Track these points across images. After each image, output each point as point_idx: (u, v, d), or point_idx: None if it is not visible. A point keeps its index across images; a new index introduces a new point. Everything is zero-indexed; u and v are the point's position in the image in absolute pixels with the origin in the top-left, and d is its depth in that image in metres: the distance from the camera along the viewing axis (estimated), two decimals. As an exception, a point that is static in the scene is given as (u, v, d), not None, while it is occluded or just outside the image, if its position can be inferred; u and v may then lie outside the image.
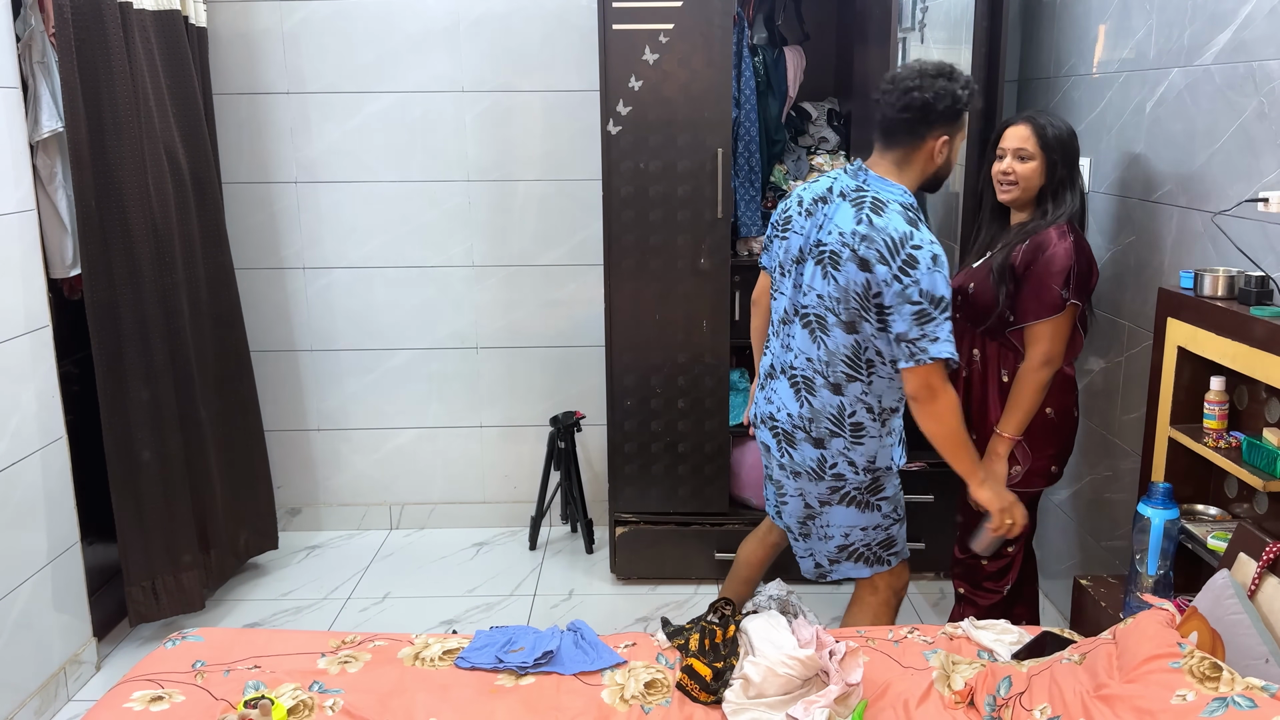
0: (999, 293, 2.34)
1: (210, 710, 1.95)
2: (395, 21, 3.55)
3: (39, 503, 2.70)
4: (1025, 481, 2.43)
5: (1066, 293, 2.25)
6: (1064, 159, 2.32)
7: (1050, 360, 2.30)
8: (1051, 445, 2.42)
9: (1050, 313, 2.27)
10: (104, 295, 2.82)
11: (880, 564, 2.38)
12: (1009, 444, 2.37)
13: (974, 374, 2.46)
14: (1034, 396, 2.32)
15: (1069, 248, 2.26)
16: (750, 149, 3.18)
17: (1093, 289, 2.34)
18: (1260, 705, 1.47)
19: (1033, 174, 2.33)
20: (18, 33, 2.66)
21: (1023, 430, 2.35)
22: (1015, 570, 2.53)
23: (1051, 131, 2.31)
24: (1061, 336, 2.30)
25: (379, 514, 3.95)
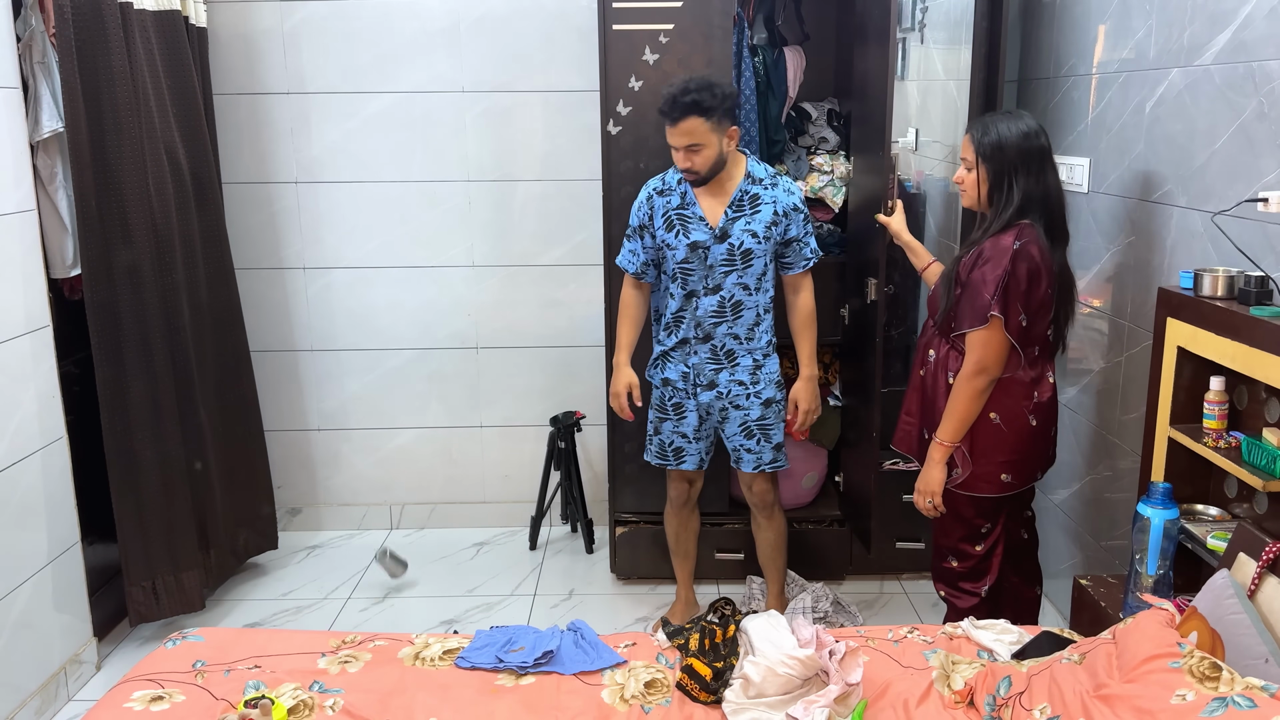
0: (942, 298, 2.38)
1: (210, 710, 1.95)
2: (395, 21, 3.55)
3: (39, 503, 2.70)
4: (969, 486, 2.42)
5: (994, 303, 2.25)
6: (1001, 164, 2.30)
7: (983, 369, 2.30)
8: (1000, 453, 2.38)
9: (979, 322, 2.28)
10: (104, 295, 2.83)
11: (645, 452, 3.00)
12: (944, 450, 2.40)
13: (927, 373, 2.49)
14: (968, 404, 2.34)
15: (1009, 259, 2.24)
16: (750, 149, 3.18)
17: (1041, 300, 2.30)
18: (1260, 705, 1.47)
19: (975, 181, 2.36)
20: (18, 33, 2.66)
21: (959, 436, 2.37)
22: (993, 574, 2.51)
23: (987, 139, 2.32)
24: (993, 346, 2.29)
25: (379, 514, 3.95)
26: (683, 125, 2.56)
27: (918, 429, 2.54)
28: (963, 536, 2.49)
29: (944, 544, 2.53)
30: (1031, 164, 2.30)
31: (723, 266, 2.71)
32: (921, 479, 2.46)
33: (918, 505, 2.50)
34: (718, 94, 2.56)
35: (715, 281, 2.73)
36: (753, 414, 2.84)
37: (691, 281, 2.76)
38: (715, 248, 2.70)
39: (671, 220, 2.72)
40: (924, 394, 2.50)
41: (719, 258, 2.70)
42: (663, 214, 2.73)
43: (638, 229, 2.79)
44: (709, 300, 2.75)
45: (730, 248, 2.69)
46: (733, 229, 2.69)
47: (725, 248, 2.69)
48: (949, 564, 2.54)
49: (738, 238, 2.69)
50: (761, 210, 2.70)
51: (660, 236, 2.74)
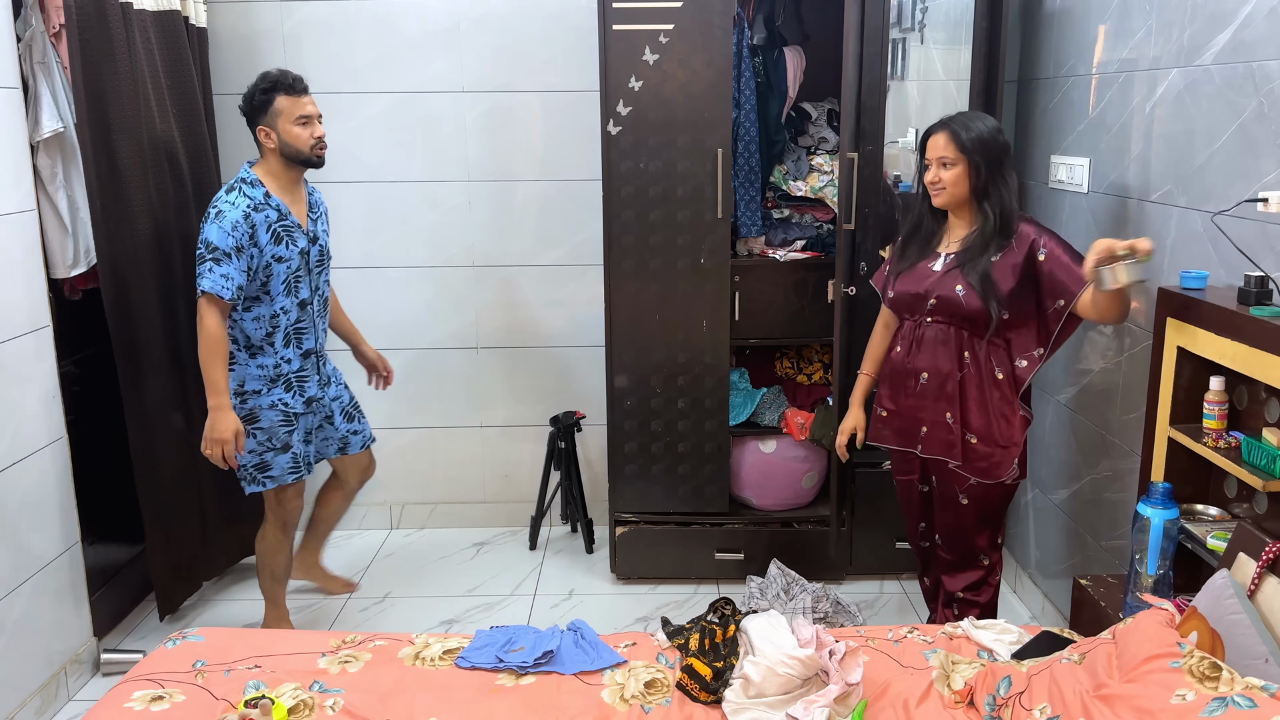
0: (987, 300, 2.37)
1: (211, 710, 1.95)
2: (395, 21, 3.55)
3: (39, 503, 2.70)
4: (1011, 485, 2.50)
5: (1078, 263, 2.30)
6: (986, 159, 2.37)
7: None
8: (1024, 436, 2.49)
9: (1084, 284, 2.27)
10: (119, 295, 2.85)
11: (253, 484, 2.83)
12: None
13: (967, 377, 2.47)
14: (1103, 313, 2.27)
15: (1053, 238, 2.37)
16: (750, 149, 3.18)
17: None
18: (1260, 705, 1.47)
19: (959, 178, 2.40)
20: (18, 33, 2.66)
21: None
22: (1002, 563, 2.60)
23: (968, 135, 2.37)
24: None
25: (379, 514, 3.95)
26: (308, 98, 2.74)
27: (959, 436, 2.49)
28: (995, 530, 2.59)
29: (978, 543, 2.58)
30: (1005, 159, 2.40)
31: (318, 268, 2.88)
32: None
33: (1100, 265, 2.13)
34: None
35: (315, 283, 2.88)
36: (345, 398, 3.05)
37: (302, 288, 2.82)
38: (312, 250, 2.84)
39: (277, 233, 2.72)
40: (964, 399, 2.47)
41: (315, 260, 2.86)
42: (265, 228, 2.69)
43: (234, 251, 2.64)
44: (317, 300, 2.89)
45: (320, 249, 2.87)
46: (317, 230, 2.87)
47: (318, 250, 2.86)
48: (981, 563, 2.60)
49: (322, 239, 2.88)
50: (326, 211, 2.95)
51: (269, 251, 2.70)
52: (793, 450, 3.37)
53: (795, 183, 3.32)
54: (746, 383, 3.50)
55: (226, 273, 2.61)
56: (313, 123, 2.73)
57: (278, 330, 2.77)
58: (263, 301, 2.74)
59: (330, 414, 2.99)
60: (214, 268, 2.60)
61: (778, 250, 3.31)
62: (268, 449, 2.81)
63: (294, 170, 2.77)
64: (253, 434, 2.78)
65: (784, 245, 3.32)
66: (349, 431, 3.05)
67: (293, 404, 2.83)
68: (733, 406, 3.35)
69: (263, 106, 2.69)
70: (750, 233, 3.26)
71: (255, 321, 2.75)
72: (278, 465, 2.83)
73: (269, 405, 2.79)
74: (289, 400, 2.82)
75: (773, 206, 3.38)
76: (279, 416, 2.80)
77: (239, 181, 2.71)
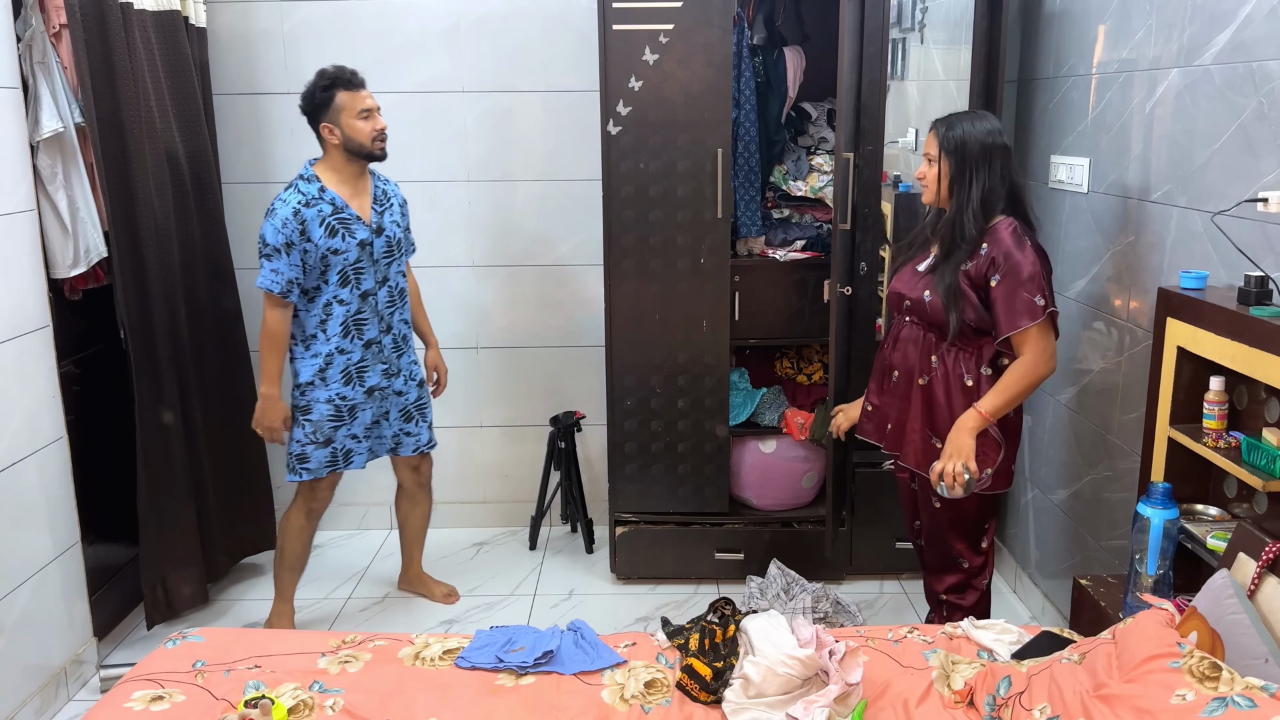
0: (948, 308, 2.36)
1: (211, 710, 1.95)
2: (395, 21, 3.55)
3: (39, 503, 2.70)
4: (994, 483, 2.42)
5: (1042, 300, 2.28)
6: (962, 159, 2.35)
7: (1051, 357, 2.33)
8: (1012, 445, 2.43)
9: (1036, 317, 2.28)
10: (134, 293, 2.86)
11: (292, 473, 2.92)
12: (983, 421, 2.33)
13: (934, 380, 2.45)
14: (1025, 391, 2.33)
15: (1032, 255, 2.30)
16: (750, 149, 3.18)
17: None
18: (1260, 705, 1.47)
19: (937, 175, 2.40)
20: (18, 33, 2.66)
21: (999, 415, 2.35)
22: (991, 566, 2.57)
23: (949, 133, 2.36)
24: (1050, 338, 2.33)
25: (379, 514, 3.95)
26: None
27: (926, 439, 2.49)
28: (975, 537, 2.51)
29: (956, 547, 2.53)
30: (994, 161, 2.34)
31: (385, 259, 2.90)
32: (951, 444, 2.34)
33: (941, 472, 2.34)
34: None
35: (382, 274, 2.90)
36: (410, 396, 3.05)
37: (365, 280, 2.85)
38: (376, 242, 2.87)
39: (332, 226, 2.76)
40: (931, 402, 2.46)
41: (381, 251, 2.88)
42: (318, 223, 2.75)
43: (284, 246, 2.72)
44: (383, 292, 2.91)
45: (388, 240, 2.90)
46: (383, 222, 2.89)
47: (383, 241, 2.89)
48: (961, 565, 2.55)
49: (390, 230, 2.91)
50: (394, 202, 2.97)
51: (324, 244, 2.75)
52: (793, 450, 3.37)
53: (795, 183, 3.32)
54: (746, 383, 3.50)
55: (277, 268, 2.72)
56: (374, 115, 2.78)
57: (332, 319, 2.82)
58: (320, 291, 2.81)
59: (388, 409, 3.01)
60: (266, 263, 2.73)
61: (778, 250, 3.31)
62: (311, 441, 2.88)
63: (356, 164, 2.82)
64: (302, 424, 2.89)
65: (784, 245, 3.32)
66: (401, 431, 3.06)
67: (351, 395, 2.89)
68: (733, 406, 3.35)
69: (324, 104, 2.74)
70: (750, 233, 3.26)
71: (311, 310, 2.83)
72: (315, 459, 2.90)
73: (325, 399, 2.87)
74: (347, 393, 2.88)
75: (773, 206, 3.38)
76: (330, 411, 2.88)
77: (296, 178, 2.80)
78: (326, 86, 2.73)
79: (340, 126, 2.75)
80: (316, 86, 2.75)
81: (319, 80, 2.75)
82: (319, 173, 2.81)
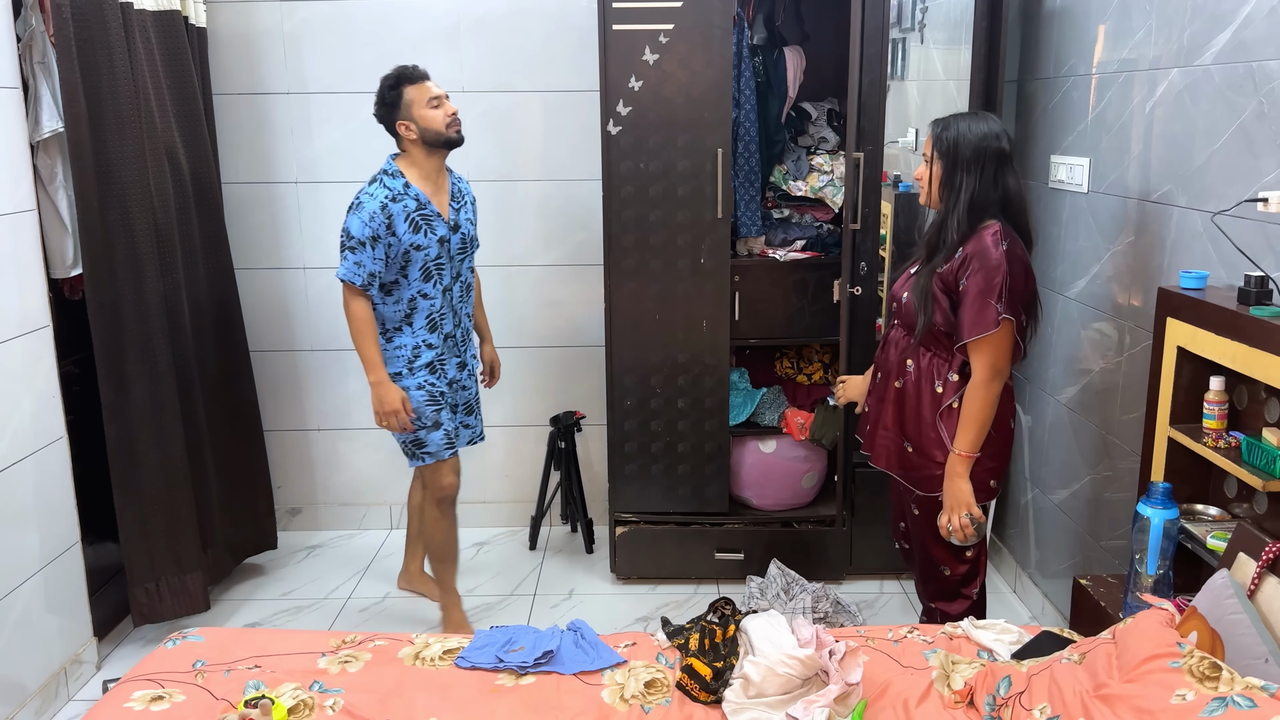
0: (919, 310, 2.34)
1: (211, 710, 1.95)
2: (395, 22, 3.55)
3: (39, 503, 2.70)
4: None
5: (1001, 307, 2.22)
6: (955, 161, 2.30)
7: (998, 372, 2.28)
8: (989, 458, 2.37)
9: (989, 328, 2.23)
10: (106, 295, 2.83)
11: (414, 459, 2.95)
12: (967, 461, 2.32)
13: (908, 384, 2.43)
14: (987, 410, 2.30)
15: (1001, 261, 2.23)
16: (750, 149, 3.18)
17: (1030, 299, 2.31)
18: (1260, 705, 1.47)
19: (930, 176, 2.36)
20: (18, 33, 2.66)
21: (978, 447, 2.32)
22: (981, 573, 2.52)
23: (946, 134, 2.31)
24: (1004, 349, 2.27)
25: (379, 514, 3.95)
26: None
27: (899, 443, 2.48)
28: (957, 547, 2.46)
29: (938, 554, 2.50)
30: (986, 165, 2.28)
31: (459, 255, 2.93)
32: (950, 496, 2.34)
33: (951, 525, 2.34)
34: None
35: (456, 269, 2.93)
36: (471, 389, 3.09)
37: (444, 275, 2.88)
38: (453, 238, 2.89)
39: (416, 222, 2.78)
40: (903, 406, 2.45)
41: (456, 248, 2.91)
42: (404, 218, 2.76)
43: (370, 240, 2.74)
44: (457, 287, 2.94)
45: (463, 237, 2.92)
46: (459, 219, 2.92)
47: (459, 237, 2.91)
48: (943, 573, 2.51)
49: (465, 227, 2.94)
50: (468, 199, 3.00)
51: (407, 239, 2.77)
52: (793, 450, 3.37)
53: (795, 183, 3.32)
54: (746, 383, 3.50)
55: (359, 260, 2.73)
56: (444, 102, 2.80)
57: (416, 313, 2.85)
58: (401, 286, 2.82)
59: (455, 402, 3.03)
60: (349, 255, 2.74)
61: (778, 250, 3.31)
62: (420, 427, 2.90)
63: (435, 157, 2.84)
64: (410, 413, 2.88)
65: (784, 245, 3.32)
66: (462, 424, 3.08)
67: (438, 384, 2.92)
68: (733, 406, 3.35)
69: (395, 102, 2.77)
70: (750, 232, 3.26)
71: (394, 305, 2.84)
72: (432, 442, 2.92)
73: (415, 386, 2.88)
74: (434, 380, 2.91)
75: (773, 206, 3.38)
76: (425, 396, 2.89)
77: (380, 173, 2.81)
78: (392, 86, 2.77)
79: (414, 120, 2.77)
80: (384, 90, 2.78)
81: (384, 84, 2.78)
82: (402, 168, 2.82)
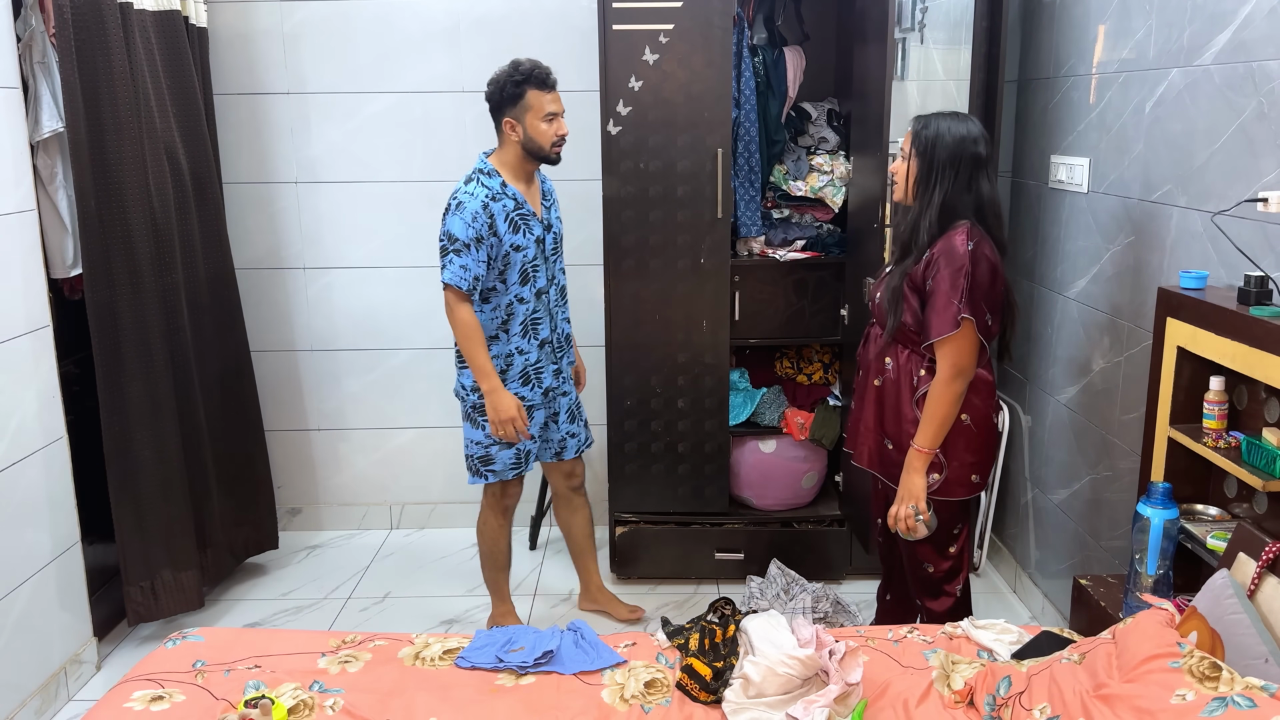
0: (889, 309, 2.36)
1: (211, 710, 1.95)
2: (395, 21, 3.55)
3: (39, 503, 2.70)
4: (944, 490, 2.40)
5: (962, 307, 2.24)
6: (931, 160, 2.30)
7: (960, 372, 2.29)
8: (970, 453, 2.39)
9: (951, 328, 2.25)
10: (104, 295, 2.83)
11: (477, 475, 2.87)
12: (924, 457, 2.35)
13: (886, 382, 2.45)
14: (949, 408, 2.32)
15: (968, 260, 2.24)
16: (750, 149, 3.18)
17: (998, 298, 2.31)
18: (1260, 705, 1.47)
19: (906, 172, 2.37)
20: (18, 33, 2.66)
21: (938, 443, 2.34)
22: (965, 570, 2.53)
23: (925, 132, 2.32)
24: (966, 349, 2.28)
25: (379, 514, 3.95)
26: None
27: (879, 441, 2.50)
28: (939, 541, 2.48)
29: (920, 552, 2.51)
30: (961, 168, 2.29)
31: (553, 256, 2.85)
32: (903, 488, 2.38)
33: (897, 517, 2.38)
34: None
35: (551, 271, 2.85)
36: (572, 395, 3.01)
37: (539, 278, 2.80)
38: (547, 238, 2.82)
39: (515, 222, 2.71)
40: (882, 404, 2.47)
41: (550, 248, 2.83)
42: (504, 218, 2.69)
43: (474, 241, 2.64)
44: (553, 290, 2.86)
45: (554, 237, 2.85)
46: (550, 219, 2.85)
47: (552, 237, 2.84)
48: (926, 570, 2.52)
49: (556, 226, 2.86)
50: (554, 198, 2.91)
51: (508, 240, 2.70)
52: (793, 450, 3.37)
53: (795, 183, 3.32)
54: (746, 383, 3.50)
55: (465, 263, 2.63)
56: (558, 120, 2.71)
57: (513, 319, 2.76)
58: (499, 291, 2.74)
59: (557, 411, 2.96)
60: (454, 259, 2.64)
61: (778, 250, 3.31)
62: (494, 443, 2.82)
63: (530, 163, 2.75)
64: (481, 425, 2.81)
65: (784, 245, 3.32)
66: (568, 434, 3.00)
67: (530, 397, 2.83)
68: (733, 406, 3.35)
69: (513, 99, 2.67)
70: (750, 233, 3.26)
71: (492, 311, 2.75)
72: (500, 460, 2.84)
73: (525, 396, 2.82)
74: (525, 394, 2.83)
75: (773, 206, 3.38)
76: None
77: (476, 172, 2.73)
78: (520, 81, 2.65)
79: (524, 125, 2.68)
80: (509, 80, 2.66)
81: (512, 73, 2.66)
82: (496, 166, 2.74)
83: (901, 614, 2.66)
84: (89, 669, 2.90)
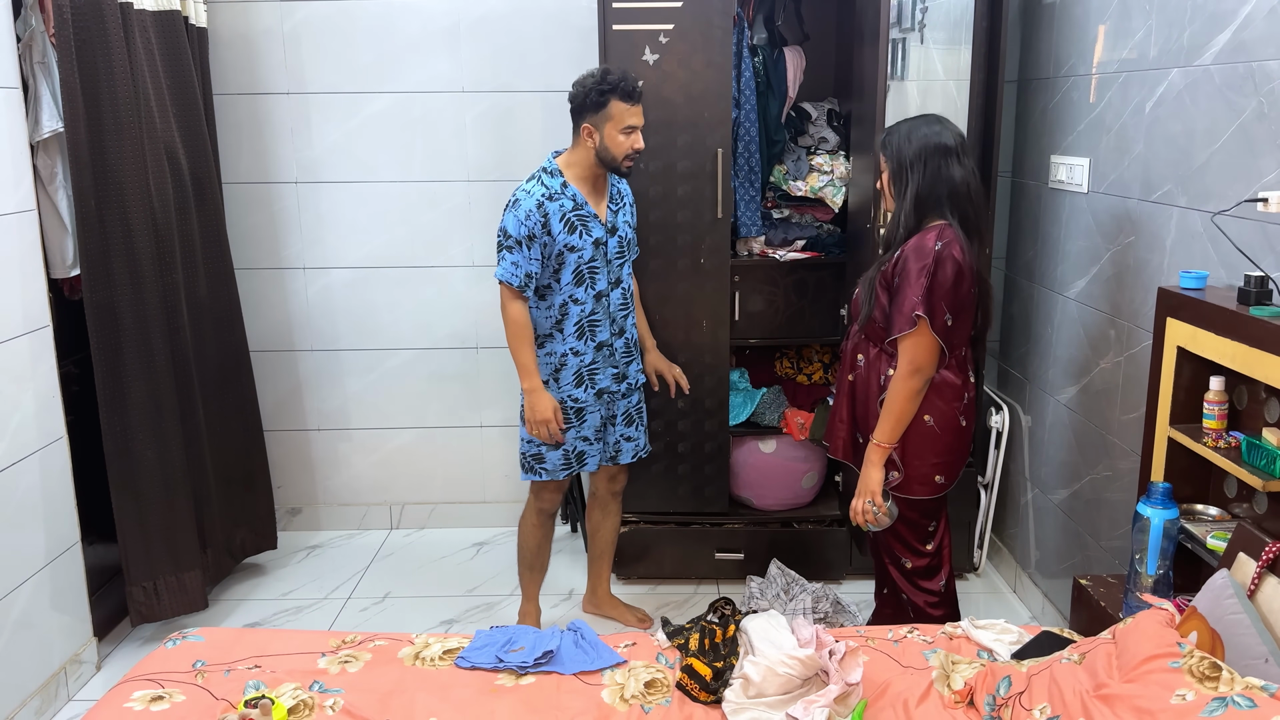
0: (864, 304, 2.41)
1: (211, 710, 1.95)
2: (395, 21, 3.55)
3: (39, 503, 2.70)
4: (905, 489, 2.43)
5: (918, 303, 2.27)
6: (899, 162, 2.36)
7: (917, 369, 2.32)
8: (933, 454, 2.40)
9: (907, 326, 2.30)
10: (104, 295, 2.83)
11: (529, 472, 2.90)
12: (881, 451, 2.38)
13: (858, 377, 2.50)
14: (905, 404, 2.35)
15: (932, 260, 2.27)
16: (750, 149, 3.18)
17: (964, 300, 2.32)
18: (1260, 705, 1.47)
19: (884, 182, 2.43)
20: (18, 33, 2.66)
21: (895, 438, 2.37)
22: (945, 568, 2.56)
23: (888, 140, 2.39)
24: (923, 347, 2.31)
25: (379, 514, 3.95)
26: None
27: (852, 434, 2.55)
28: (912, 537, 2.51)
29: (893, 546, 2.55)
30: (928, 159, 2.32)
31: (617, 259, 2.82)
32: (861, 481, 2.43)
33: (856, 510, 2.43)
34: None
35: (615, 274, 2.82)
36: (634, 399, 2.97)
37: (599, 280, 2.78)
38: (610, 241, 2.79)
39: (571, 222, 2.71)
40: (855, 399, 2.52)
41: (614, 251, 2.81)
42: (559, 218, 2.69)
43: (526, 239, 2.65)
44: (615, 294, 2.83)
45: (620, 240, 2.82)
46: (617, 222, 2.81)
47: (616, 241, 2.81)
48: (904, 565, 2.56)
49: (623, 230, 2.83)
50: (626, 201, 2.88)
51: (561, 240, 2.69)
52: (793, 450, 3.37)
53: (795, 183, 3.32)
54: (746, 383, 3.50)
55: (516, 260, 2.64)
56: (636, 134, 2.68)
57: (567, 319, 2.76)
58: (553, 290, 2.74)
59: (615, 413, 2.93)
60: (506, 255, 2.66)
61: (778, 250, 3.31)
62: (544, 442, 2.83)
63: (600, 169, 2.74)
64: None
65: (784, 245, 3.32)
66: (623, 437, 2.96)
67: (583, 398, 2.83)
68: (733, 406, 3.35)
69: (596, 106, 2.64)
70: (750, 233, 3.26)
71: (546, 310, 2.76)
72: (551, 460, 2.86)
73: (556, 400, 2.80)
74: (579, 395, 2.82)
75: (773, 206, 3.38)
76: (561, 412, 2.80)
77: (540, 170, 2.73)
78: (606, 90, 2.62)
79: (601, 133, 2.65)
80: (595, 87, 2.63)
81: (600, 80, 2.63)
82: (562, 166, 2.73)
83: (894, 608, 2.67)
84: (89, 669, 2.90)
